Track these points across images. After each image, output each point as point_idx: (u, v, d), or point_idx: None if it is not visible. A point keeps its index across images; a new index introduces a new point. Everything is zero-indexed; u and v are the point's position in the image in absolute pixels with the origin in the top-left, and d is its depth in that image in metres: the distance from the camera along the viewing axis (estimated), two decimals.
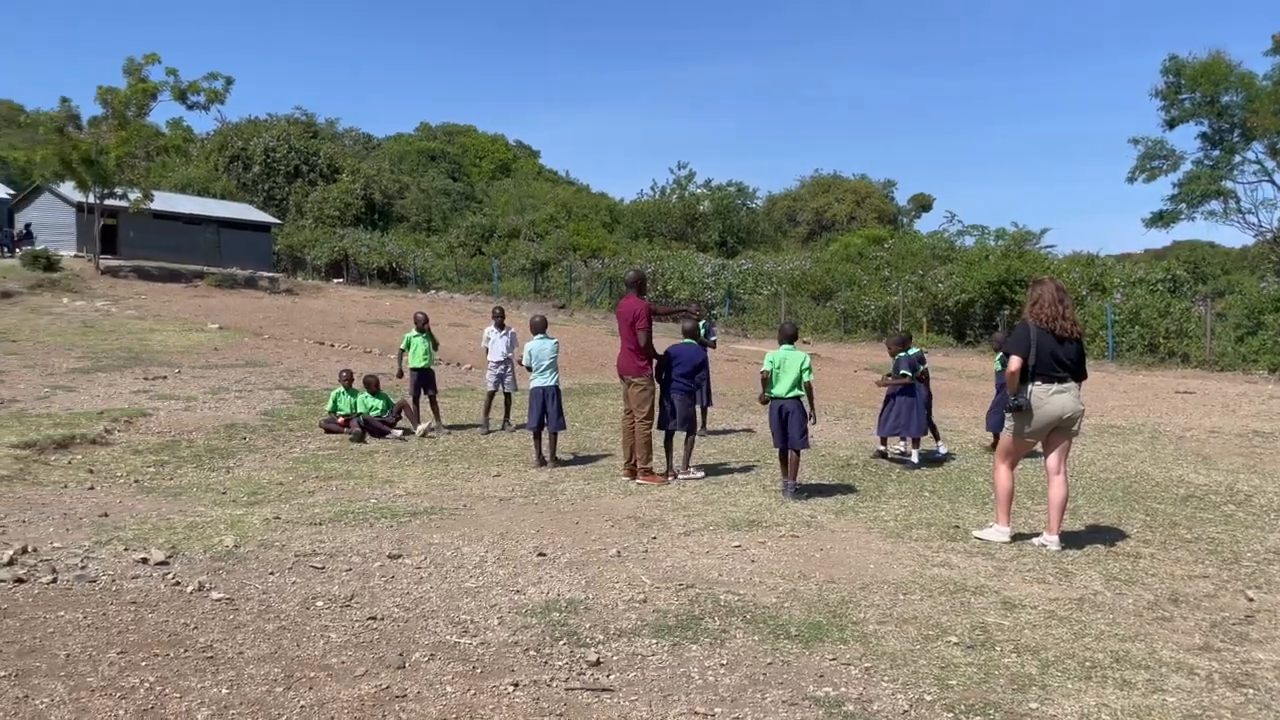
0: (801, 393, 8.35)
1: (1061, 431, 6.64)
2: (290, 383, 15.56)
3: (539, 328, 10.47)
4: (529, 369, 10.21)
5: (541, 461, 9.90)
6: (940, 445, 10.66)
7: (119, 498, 8.06)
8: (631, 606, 5.17)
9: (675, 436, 9.29)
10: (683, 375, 9.12)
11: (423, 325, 12.53)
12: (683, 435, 9.25)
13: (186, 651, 4.31)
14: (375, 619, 4.87)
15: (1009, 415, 6.71)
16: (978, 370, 21.23)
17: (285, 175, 57.61)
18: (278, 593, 5.29)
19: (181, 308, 26.55)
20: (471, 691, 3.98)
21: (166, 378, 15.27)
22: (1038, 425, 6.57)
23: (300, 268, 47.33)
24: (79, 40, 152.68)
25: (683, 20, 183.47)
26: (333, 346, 20.86)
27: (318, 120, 68.11)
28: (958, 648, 4.64)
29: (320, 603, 5.12)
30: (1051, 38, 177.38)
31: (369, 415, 11.85)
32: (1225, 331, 25.94)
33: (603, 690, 4.05)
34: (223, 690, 3.90)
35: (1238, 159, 39.97)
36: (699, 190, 57.37)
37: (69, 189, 35.08)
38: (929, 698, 4.04)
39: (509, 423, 12.24)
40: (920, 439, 10.20)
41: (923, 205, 72.18)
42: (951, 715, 3.89)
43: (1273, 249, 40.37)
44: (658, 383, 9.16)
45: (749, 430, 12.38)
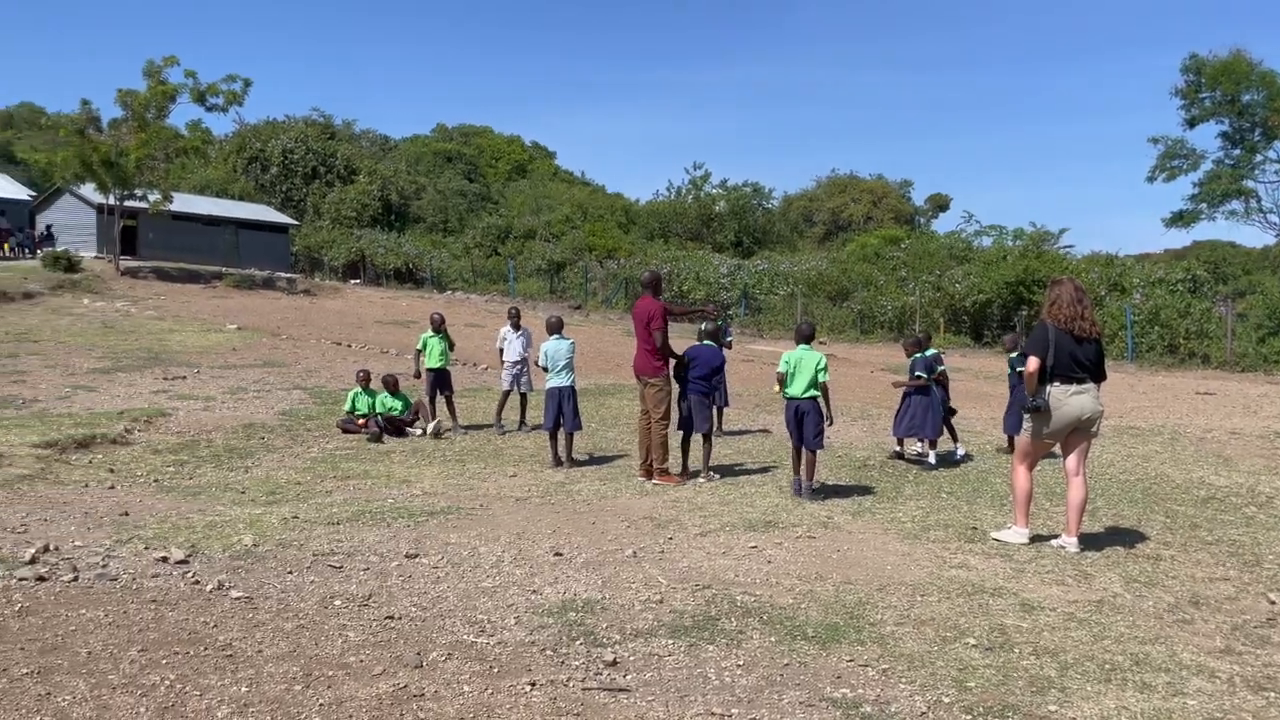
0: (818, 393, 8.33)
1: (1080, 433, 6.59)
2: (308, 383, 15.64)
3: (555, 328, 10.49)
4: (545, 369, 10.22)
5: (558, 462, 9.91)
6: (959, 447, 10.62)
7: (139, 497, 8.13)
8: (648, 607, 5.17)
9: (691, 438, 9.28)
10: (700, 377, 9.11)
11: (439, 326, 12.57)
12: (699, 438, 9.23)
13: (206, 650, 4.34)
14: (393, 618, 4.89)
15: (1027, 416, 6.67)
16: (995, 371, 21.07)
17: (303, 176, 57.92)
18: (296, 592, 5.32)
19: (200, 308, 26.71)
20: (489, 691, 3.99)
21: (185, 378, 15.37)
22: (1056, 426, 6.53)
23: (318, 268, 47.59)
24: (99, 43, 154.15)
25: (699, 21, 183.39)
26: (350, 347, 20.95)
27: (335, 122, 68.50)
28: (976, 649, 4.62)
29: (338, 602, 5.15)
30: (1070, 37, 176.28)
31: (389, 414, 11.91)
32: (1246, 332, 25.72)
33: (620, 690, 4.05)
34: (242, 688, 3.93)
35: (1259, 158, 39.71)
36: (715, 190, 57.34)
37: (89, 191, 35.35)
38: (947, 700, 4.02)
39: (525, 423, 12.26)
40: (937, 440, 10.16)
41: (940, 205, 71.87)
42: (970, 717, 3.87)
43: None
44: (676, 383, 9.16)
45: (765, 431, 12.36)
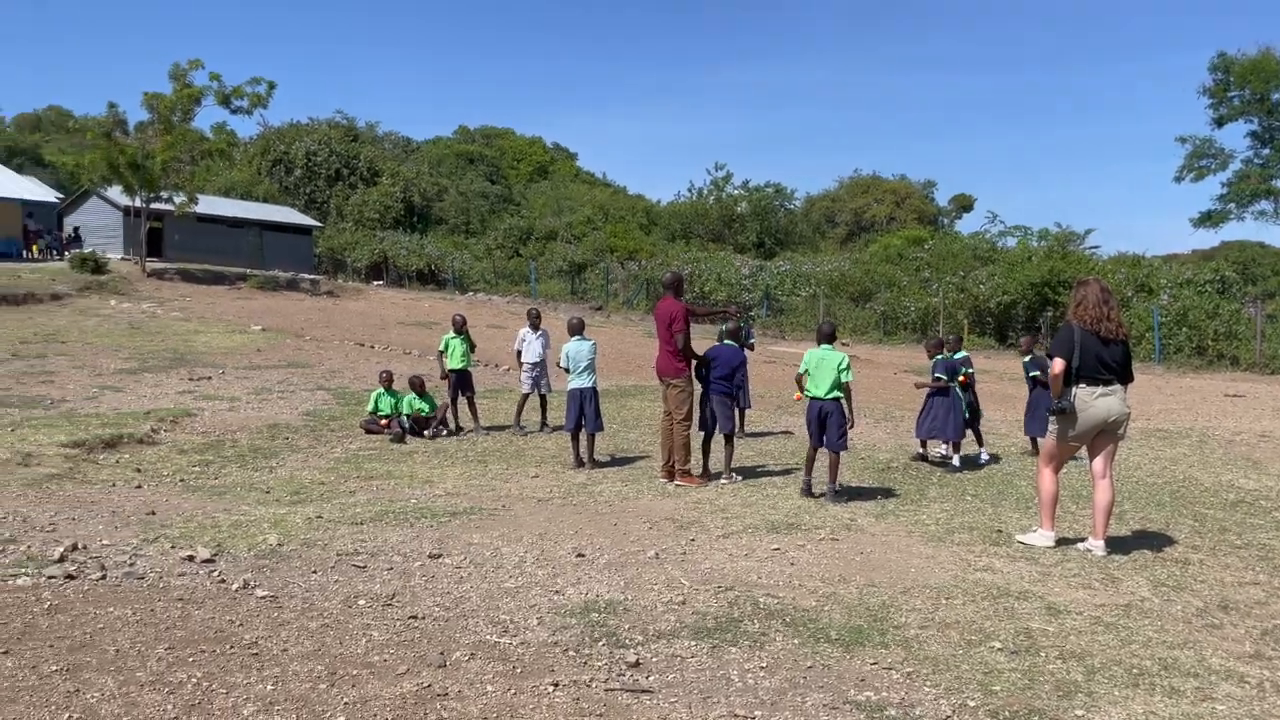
0: (840, 394, 8.29)
1: (1107, 435, 6.53)
2: (331, 383, 15.73)
3: (576, 329, 10.50)
4: (566, 370, 10.23)
5: (579, 463, 9.92)
6: (983, 451, 10.53)
7: (165, 496, 8.20)
8: (670, 608, 5.17)
9: (713, 439, 9.26)
10: (721, 377, 9.09)
11: (460, 327, 12.60)
12: (720, 439, 9.21)
13: (232, 648, 4.37)
14: (416, 618, 4.91)
15: (1053, 418, 6.62)
16: (1019, 373, 20.86)
17: (326, 179, 58.36)
18: (320, 591, 5.35)
19: (225, 309, 26.94)
20: (512, 691, 3.99)
21: (211, 378, 15.50)
22: (1082, 428, 6.47)
23: (341, 270, 47.92)
24: (126, 47, 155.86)
25: (722, 22, 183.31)
26: (373, 348, 21.05)
27: (358, 124, 69.00)
28: (1001, 653, 4.58)
29: (362, 601, 5.17)
30: (1097, 36, 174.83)
31: (415, 414, 11.98)
32: (1276, 334, 25.44)
33: (642, 691, 4.05)
34: (268, 686, 3.96)
35: None
36: (736, 191, 57.35)
37: (116, 193, 35.79)
38: (972, 703, 4.00)
39: (547, 424, 12.28)
40: (960, 442, 10.10)
41: (963, 206, 71.46)
42: None
43: None
44: (698, 384, 9.15)
45: (787, 432, 12.32)
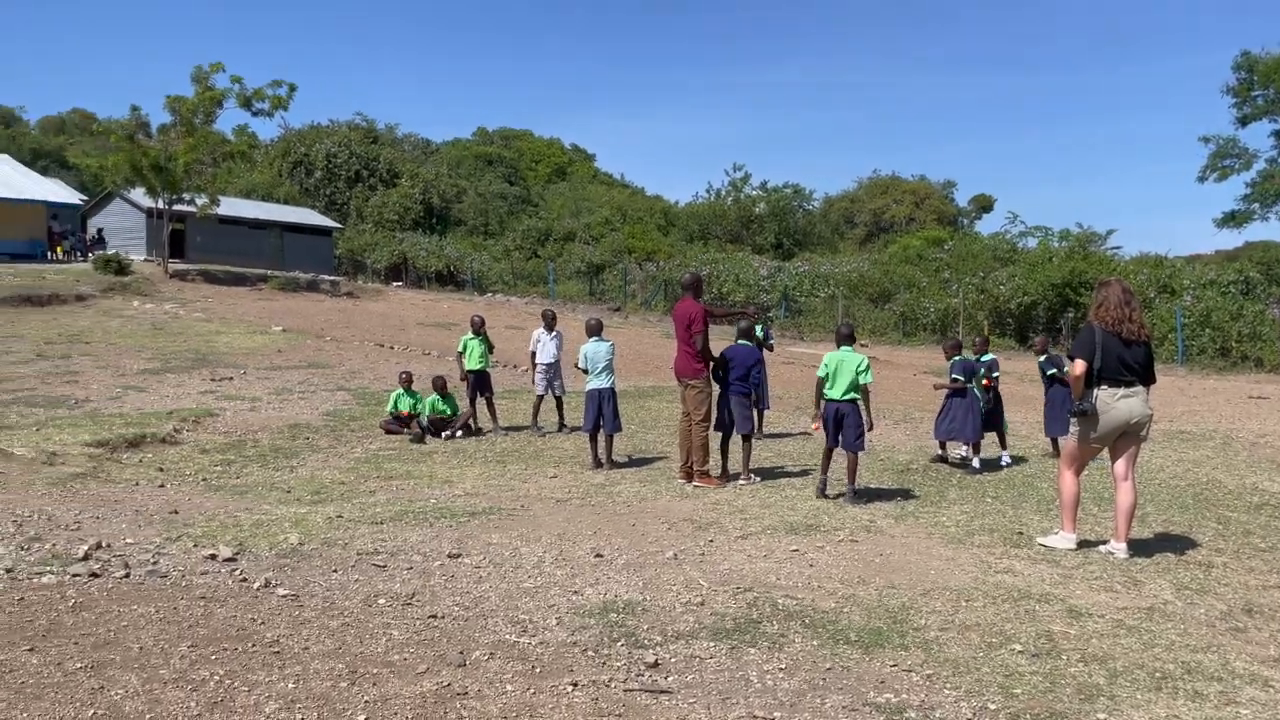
0: (858, 395, 8.26)
1: (1129, 437, 6.48)
2: (351, 384, 15.82)
3: (594, 330, 10.52)
4: (584, 371, 10.25)
5: (597, 463, 9.94)
6: (1004, 454, 10.45)
7: (188, 495, 8.27)
8: (689, 609, 5.16)
9: (731, 440, 9.25)
10: (738, 378, 9.08)
11: (479, 328, 12.64)
12: (738, 439, 9.20)
13: (254, 646, 4.40)
14: (436, 617, 4.93)
15: (1074, 420, 6.57)
16: (1038, 373, 20.76)
17: (346, 180, 58.69)
18: (341, 590, 5.38)
19: (246, 310, 27.13)
20: (531, 691, 4.01)
21: (232, 379, 15.62)
22: (1104, 430, 6.42)
23: (360, 271, 48.20)
24: (148, 50, 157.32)
25: (739, 23, 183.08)
26: (392, 348, 21.15)
27: (378, 126, 69.39)
28: (1022, 656, 4.55)
29: (382, 600, 5.20)
30: (1118, 34, 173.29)
31: (438, 415, 12.04)
32: None
33: (661, 692, 4.05)
34: (289, 684, 3.98)
35: None
36: (755, 192, 57.27)
37: (139, 195, 36.14)
38: (993, 706, 3.97)
39: (565, 424, 12.30)
40: (979, 443, 10.04)
41: (983, 206, 71.04)
42: None
43: None
44: (716, 384, 9.14)
45: (806, 434, 12.29)
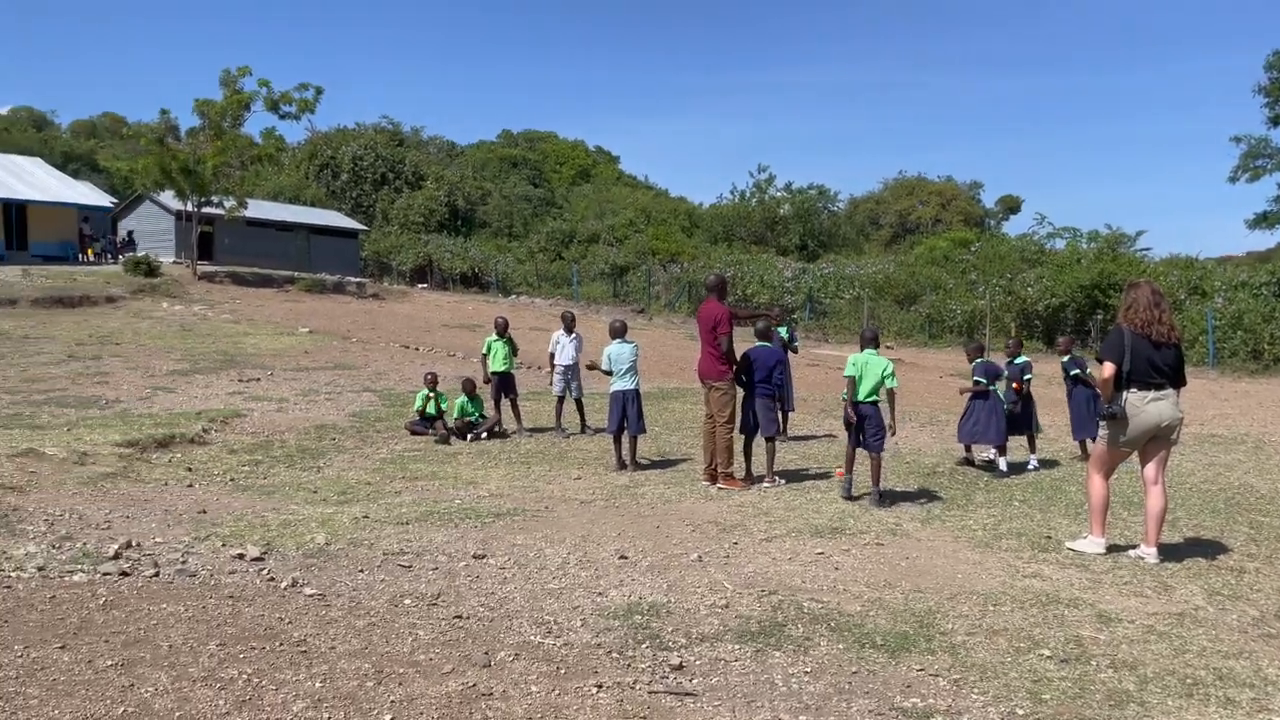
0: (878, 398, 8.23)
1: (1160, 440, 6.40)
2: (377, 385, 15.91)
3: (618, 332, 10.51)
4: (608, 373, 10.25)
5: (622, 465, 9.93)
6: (1033, 458, 10.33)
7: (216, 495, 8.35)
8: (714, 611, 5.15)
9: (755, 442, 9.23)
10: (760, 380, 9.05)
11: (503, 330, 12.65)
12: (764, 441, 9.17)
13: (281, 645, 4.43)
14: (461, 618, 4.95)
15: (1104, 423, 6.50)
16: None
17: (372, 183, 59.12)
18: (367, 590, 5.41)
19: (273, 312, 27.36)
20: (556, 692, 4.01)
21: (260, 380, 15.75)
22: (1134, 434, 6.35)
23: (386, 273, 48.50)
24: (177, 54, 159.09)
25: (764, 24, 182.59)
26: (418, 350, 21.25)
27: (403, 129, 69.87)
28: (1051, 661, 4.51)
29: (408, 600, 5.23)
30: (1148, 33, 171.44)
31: (465, 417, 12.09)
32: None
33: (686, 694, 4.04)
34: (316, 683, 4.01)
35: None
36: (779, 193, 57.09)
37: (168, 197, 36.52)
38: (1021, 712, 3.94)
39: (588, 426, 12.31)
40: (1005, 445, 9.96)
41: (1010, 207, 70.49)
42: None
43: None
44: (739, 387, 9.12)
45: (831, 436, 12.24)
